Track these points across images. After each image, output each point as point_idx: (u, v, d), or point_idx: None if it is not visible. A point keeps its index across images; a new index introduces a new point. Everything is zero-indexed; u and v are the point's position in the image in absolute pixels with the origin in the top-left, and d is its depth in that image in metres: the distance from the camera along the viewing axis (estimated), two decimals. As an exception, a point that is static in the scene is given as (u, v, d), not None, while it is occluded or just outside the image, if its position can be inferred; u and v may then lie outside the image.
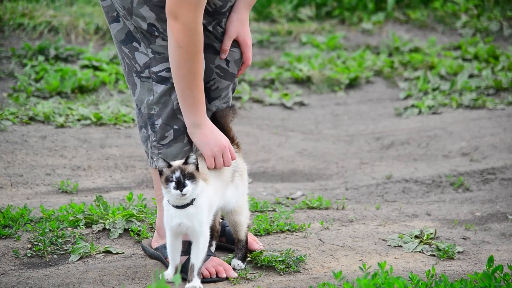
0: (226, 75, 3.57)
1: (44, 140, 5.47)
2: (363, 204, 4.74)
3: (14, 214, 4.04)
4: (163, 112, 3.45)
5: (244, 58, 3.59)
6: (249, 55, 3.60)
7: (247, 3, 3.54)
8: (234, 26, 3.52)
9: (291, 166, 5.54)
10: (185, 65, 3.32)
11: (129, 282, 3.54)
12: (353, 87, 7.43)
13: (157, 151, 3.49)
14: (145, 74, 3.46)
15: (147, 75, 3.46)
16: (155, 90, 3.45)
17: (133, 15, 3.39)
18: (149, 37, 3.42)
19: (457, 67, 7.37)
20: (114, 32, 3.50)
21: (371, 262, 3.77)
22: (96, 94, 6.58)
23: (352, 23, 8.71)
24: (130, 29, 3.45)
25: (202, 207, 3.37)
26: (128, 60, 3.49)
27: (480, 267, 3.79)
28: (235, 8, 3.53)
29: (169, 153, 3.48)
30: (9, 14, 7.33)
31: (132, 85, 3.52)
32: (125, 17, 3.42)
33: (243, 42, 3.56)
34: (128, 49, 3.47)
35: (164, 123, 3.46)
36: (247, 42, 3.57)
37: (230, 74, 3.58)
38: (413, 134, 6.16)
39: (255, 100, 7.00)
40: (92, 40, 7.44)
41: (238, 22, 3.53)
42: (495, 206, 4.71)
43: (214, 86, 3.57)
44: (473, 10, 8.68)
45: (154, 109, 3.46)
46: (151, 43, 3.42)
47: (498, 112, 6.46)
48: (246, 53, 3.59)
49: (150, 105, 3.47)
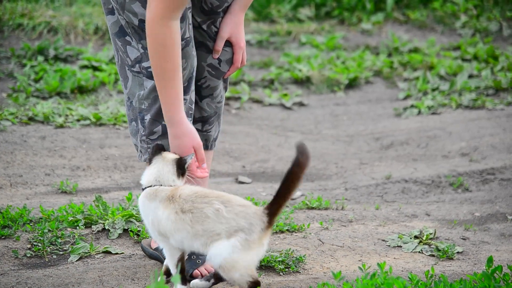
0: (218, 73, 3.60)
1: (44, 140, 5.47)
2: (362, 205, 4.74)
3: (13, 214, 4.04)
4: (152, 107, 3.46)
5: (234, 59, 3.60)
6: (239, 57, 3.60)
7: (243, 5, 3.56)
8: (228, 27, 3.54)
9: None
10: (153, 57, 3.29)
11: (129, 282, 3.54)
12: (353, 88, 7.43)
13: (146, 145, 3.51)
14: (136, 69, 3.47)
15: (138, 69, 3.47)
16: (145, 85, 3.46)
17: (125, 10, 3.40)
18: (140, 33, 3.43)
19: (457, 67, 7.37)
20: (109, 24, 3.51)
21: (370, 262, 3.77)
22: (95, 94, 6.58)
23: (351, 24, 8.72)
24: (122, 24, 3.46)
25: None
26: (121, 53, 3.50)
27: (480, 267, 3.79)
28: (230, 10, 3.54)
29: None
30: (8, 14, 7.33)
31: (124, 78, 3.53)
32: (118, 11, 3.43)
33: (236, 43, 3.58)
34: (121, 42, 3.48)
35: (153, 118, 3.47)
36: (240, 44, 3.58)
37: (221, 73, 3.61)
38: (412, 135, 6.16)
39: (254, 101, 7.00)
40: (91, 40, 7.44)
41: (232, 24, 3.54)
42: (495, 207, 4.72)
43: (206, 84, 3.60)
44: (472, 10, 8.68)
45: (144, 104, 3.48)
46: (142, 38, 3.43)
47: (497, 112, 6.46)
48: (237, 54, 3.59)
49: (140, 99, 3.48)
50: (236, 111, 6.77)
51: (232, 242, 3.05)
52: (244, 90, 7.06)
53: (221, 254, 3.05)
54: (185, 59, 3.42)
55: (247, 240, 3.06)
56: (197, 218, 3.10)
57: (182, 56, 3.38)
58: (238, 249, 3.05)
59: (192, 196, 3.14)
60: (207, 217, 3.09)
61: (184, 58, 3.41)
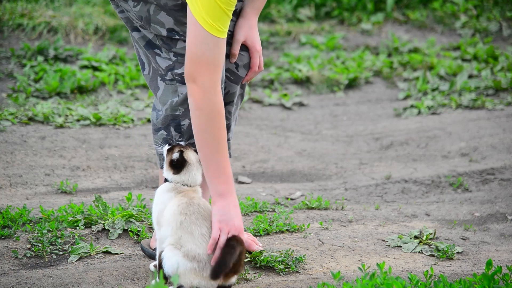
0: (236, 78, 3.56)
1: (44, 140, 5.47)
2: (362, 205, 4.74)
3: (13, 215, 4.04)
4: (188, 112, 3.44)
5: (251, 63, 3.56)
6: (256, 61, 3.56)
7: (255, 8, 3.54)
8: (243, 31, 3.51)
9: (290, 166, 5.54)
10: (206, 129, 3.26)
11: (128, 282, 3.54)
12: (352, 88, 7.43)
13: None
14: (168, 77, 3.46)
15: (171, 77, 3.45)
16: (179, 92, 3.44)
17: (151, 23, 3.39)
18: (169, 42, 3.42)
19: (457, 67, 7.37)
20: (136, 38, 3.50)
21: (370, 262, 3.77)
22: (95, 94, 6.58)
23: (351, 24, 8.72)
24: (150, 38, 3.45)
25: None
26: (154, 64, 3.49)
27: (480, 267, 3.79)
28: (243, 13, 3.53)
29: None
30: (8, 15, 7.33)
31: (154, 88, 3.52)
32: (143, 27, 3.43)
33: (252, 46, 3.55)
34: (150, 55, 3.47)
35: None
36: (256, 47, 3.55)
37: (239, 78, 3.57)
38: (412, 135, 6.16)
39: (254, 101, 7.00)
40: (91, 40, 7.44)
41: (246, 27, 3.52)
42: (494, 207, 4.72)
43: (225, 90, 3.56)
44: (472, 10, 8.68)
45: (179, 110, 3.45)
46: (172, 47, 3.42)
47: (497, 112, 6.46)
48: (254, 58, 3.56)
49: (174, 106, 3.46)
50: (236, 111, 6.78)
51: (186, 261, 3.22)
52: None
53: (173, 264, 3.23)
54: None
55: (195, 270, 3.21)
56: (185, 227, 3.25)
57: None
58: (188, 269, 3.22)
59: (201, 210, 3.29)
60: (191, 234, 3.24)
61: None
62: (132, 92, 6.67)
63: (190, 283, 3.22)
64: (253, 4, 3.52)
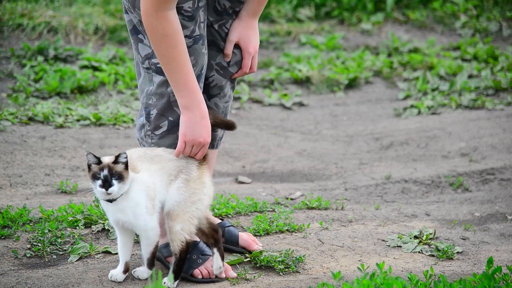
0: (225, 73, 3.62)
1: (43, 140, 5.47)
2: (362, 205, 4.74)
3: (13, 215, 4.04)
4: (159, 102, 3.48)
5: (242, 64, 3.63)
6: (247, 62, 3.62)
7: (250, 10, 3.57)
8: (236, 31, 3.57)
9: (290, 166, 5.54)
10: (158, 51, 3.35)
11: (128, 282, 3.54)
12: (352, 88, 7.43)
13: (151, 141, 3.52)
14: (145, 65, 3.51)
15: (148, 65, 3.50)
16: (154, 81, 3.50)
17: (136, 8, 3.42)
18: None
19: (456, 67, 7.37)
20: (126, 21, 3.55)
21: (370, 262, 3.77)
22: (95, 94, 6.58)
23: (351, 24, 8.72)
24: (134, 23, 3.49)
25: (136, 199, 3.33)
26: (134, 50, 3.55)
27: (480, 267, 3.79)
28: (239, 15, 3.59)
29: (161, 144, 3.52)
30: (8, 15, 7.33)
31: (138, 75, 3.58)
32: (130, 9, 3.46)
33: (244, 48, 3.60)
34: (133, 40, 3.52)
35: (160, 113, 3.49)
36: (248, 49, 3.59)
37: (229, 73, 3.63)
38: (412, 135, 6.17)
39: (254, 101, 7.01)
40: (91, 40, 7.44)
41: (240, 28, 3.57)
42: (494, 207, 4.72)
43: (213, 83, 3.62)
44: (472, 10, 8.68)
45: (152, 99, 3.50)
46: None
47: (497, 112, 6.46)
48: (245, 59, 3.62)
49: (148, 95, 3.51)
50: (236, 111, 6.77)
51: (177, 184, 3.35)
52: (244, 90, 7.06)
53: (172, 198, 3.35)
54: (194, 56, 3.44)
55: (188, 180, 3.36)
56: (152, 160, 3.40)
57: (190, 53, 3.40)
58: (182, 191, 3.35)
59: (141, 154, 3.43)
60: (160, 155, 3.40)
61: (193, 55, 3.43)
62: (132, 92, 6.67)
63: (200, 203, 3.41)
64: (248, 6, 3.56)
